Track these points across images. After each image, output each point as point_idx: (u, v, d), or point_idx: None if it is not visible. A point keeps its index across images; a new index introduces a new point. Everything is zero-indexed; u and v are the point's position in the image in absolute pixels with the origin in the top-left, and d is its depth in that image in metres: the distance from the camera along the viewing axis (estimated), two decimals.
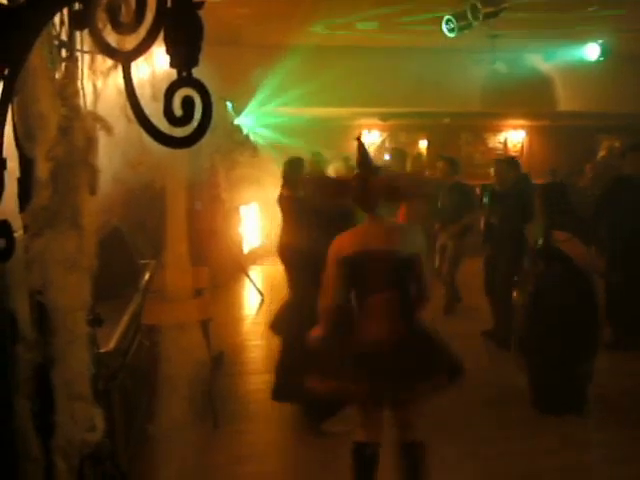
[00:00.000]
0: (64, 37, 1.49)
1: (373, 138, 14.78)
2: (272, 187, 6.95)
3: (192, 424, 5.12)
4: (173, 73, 1.11)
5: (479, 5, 7.68)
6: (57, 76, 1.36)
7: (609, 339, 6.39)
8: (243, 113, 10.85)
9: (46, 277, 1.34)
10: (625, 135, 15.83)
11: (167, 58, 1.11)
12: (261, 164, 10.13)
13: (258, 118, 11.54)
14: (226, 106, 9.69)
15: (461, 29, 8.17)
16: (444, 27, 8.35)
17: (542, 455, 4.66)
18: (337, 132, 13.83)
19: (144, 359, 4.67)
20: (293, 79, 10.02)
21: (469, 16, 7.90)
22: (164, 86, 1.11)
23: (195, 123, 1.13)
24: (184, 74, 1.10)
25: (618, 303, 6.48)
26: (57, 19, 1.44)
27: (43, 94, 1.36)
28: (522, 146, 15.85)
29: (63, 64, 1.39)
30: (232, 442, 5.00)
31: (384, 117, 13.89)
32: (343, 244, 3.60)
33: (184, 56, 1.10)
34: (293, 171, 5.63)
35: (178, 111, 1.09)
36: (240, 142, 10.15)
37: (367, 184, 3.62)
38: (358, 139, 3.91)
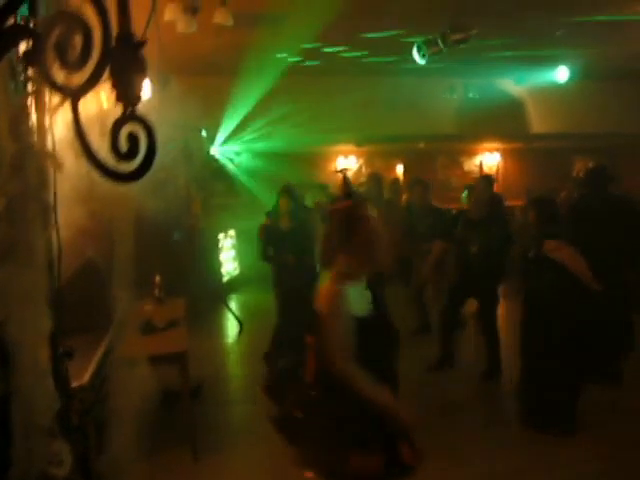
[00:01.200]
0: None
1: (349, 164, 14.89)
2: (248, 215, 7.04)
3: (171, 456, 5.11)
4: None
5: (449, 32, 7.83)
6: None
7: None
8: (219, 142, 10.90)
9: (4, 311, 1.35)
10: (598, 155, 16.10)
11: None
12: (237, 193, 10.17)
13: (233, 147, 11.59)
14: (201, 136, 9.73)
15: (432, 55, 8.32)
16: (415, 54, 8.49)
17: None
18: (313, 159, 13.94)
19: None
20: (268, 107, 10.11)
21: (439, 43, 8.05)
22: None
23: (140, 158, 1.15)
24: (129, 110, 1.12)
25: None
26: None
27: (2, 127, 1.38)
28: (497, 169, 16.03)
29: (16, 100, 1.41)
30: (213, 474, 4.97)
31: (359, 143, 14.00)
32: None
33: (128, 93, 1.13)
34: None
35: (124, 146, 1.12)
36: (216, 171, 10.19)
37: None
38: (342, 172, 3.99)
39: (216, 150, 11.13)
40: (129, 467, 4.42)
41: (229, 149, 11.60)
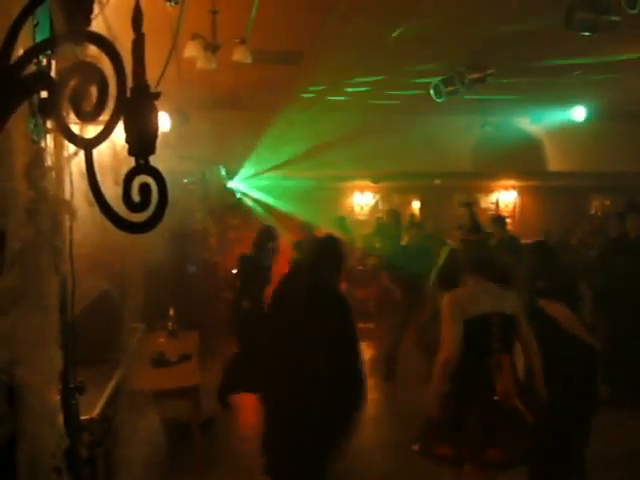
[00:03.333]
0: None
1: (366, 200, 14.95)
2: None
3: None
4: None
5: (465, 71, 7.90)
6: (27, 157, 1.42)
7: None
8: (237, 177, 11.00)
9: (12, 354, 1.37)
10: (615, 194, 16.06)
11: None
12: (254, 227, 10.20)
13: (251, 182, 11.68)
14: (219, 170, 9.83)
15: (449, 94, 8.38)
16: (432, 92, 8.57)
17: None
18: (330, 194, 14.02)
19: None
20: (286, 142, 10.19)
21: (456, 82, 8.12)
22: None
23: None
24: (141, 162, 1.15)
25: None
26: None
27: (20, 171, 1.41)
28: (514, 206, 16.00)
29: (33, 145, 1.44)
30: None
31: (376, 179, 14.07)
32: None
33: (140, 145, 1.15)
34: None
35: (137, 197, 1.14)
36: (233, 205, 10.26)
37: None
38: (468, 205, 4.29)
39: (235, 185, 11.23)
40: None
41: (247, 184, 11.69)
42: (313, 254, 4.93)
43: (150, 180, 1.15)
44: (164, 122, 7.21)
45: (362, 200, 15.07)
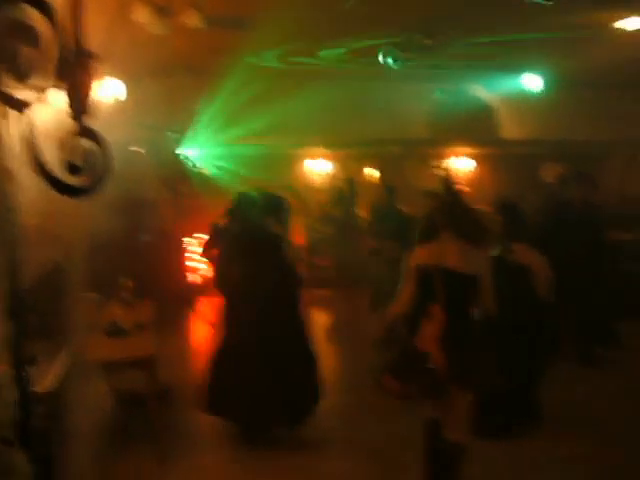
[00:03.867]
0: None
1: (322, 167, 14.88)
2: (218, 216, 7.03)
3: (137, 461, 5.06)
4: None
5: (419, 37, 7.87)
6: None
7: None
8: (189, 144, 10.82)
9: None
10: (568, 161, 16.28)
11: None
12: (207, 195, 10.10)
13: (203, 148, 11.51)
14: (171, 137, 9.65)
15: (404, 61, 8.35)
16: (387, 59, 8.52)
17: None
18: (285, 161, 13.92)
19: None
20: (239, 109, 10.06)
21: (411, 48, 8.09)
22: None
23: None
24: (80, 124, 1.11)
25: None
26: None
27: None
28: (469, 173, 16.12)
29: None
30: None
31: (332, 146, 13.99)
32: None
33: (77, 106, 1.11)
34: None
35: (78, 161, 1.10)
36: (186, 173, 10.11)
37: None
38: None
39: (187, 152, 11.04)
40: (94, 473, 4.39)
41: (200, 151, 11.51)
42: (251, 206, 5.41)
43: (93, 145, 1.12)
44: (117, 89, 7.05)
45: (317, 168, 15.00)
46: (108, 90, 6.25)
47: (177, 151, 10.34)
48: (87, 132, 1.12)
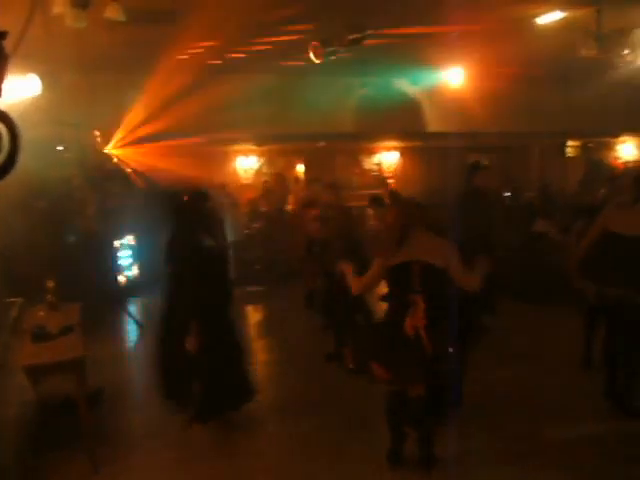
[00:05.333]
0: None
1: (250, 163, 14.81)
2: (147, 216, 6.90)
3: (70, 467, 4.92)
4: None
5: (344, 32, 7.90)
6: None
7: None
8: (114, 142, 10.58)
9: None
10: (491, 152, 16.73)
11: None
12: (134, 194, 9.90)
13: (129, 146, 11.28)
14: (95, 136, 9.42)
15: (328, 55, 8.37)
16: (311, 53, 8.52)
17: None
18: (213, 157, 13.80)
19: None
20: (165, 105, 9.90)
21: (335, 43, 8.11)
22: None
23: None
24: None
25: None
26: None
27: None
28: (396, 167, 16.34)
29: None
30: None
31: (259, 142, 13.95)
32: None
33: None
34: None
35: None
36: (112, 172, 9.87)
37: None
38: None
39: (113, 150, 10.79)
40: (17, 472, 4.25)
41: (126, 149, 11.27)
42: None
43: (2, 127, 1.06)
44: (33, 85, 6.79)
45: (246, 164, 14.92)
46: (23, 85, 6.03)
47: (102, 149, 10.08)
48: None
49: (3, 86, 1.36)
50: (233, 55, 9.48)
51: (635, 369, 5.51)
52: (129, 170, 11.00)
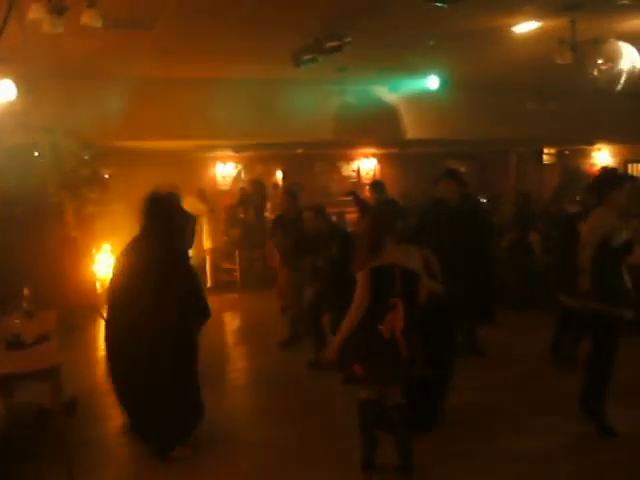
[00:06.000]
0: None
1: (228, 170, 14.81)
2: (125, 224, 6.83)
3: (47, 477, 4.87)
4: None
5: (323, 40, 7.93)
6: None
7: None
8: (92, 147, 10.49)
9: None
10: (469, 160, 16.88)
11: None
12: (112, 200, 9.83)
13: (109, 152, 11.21)
14: (72, 141, 9.33)
15: (307, 62, 8.40)
16: (291, 60, 8.55)
17: None
18: (191, 164, 13.79)
19: None
20: (144, 111, 9.86)
21: (314, 50, 8.14)
22: None
23: None
24: None
25: None
26: None
27: None
28: (374, 173, 16.43)
29: None
30: None
31: (237, 149, 13.95)
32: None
33: None
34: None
35: None
36: (90, 178, 9.79)
37: None
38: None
39: (91, 156, 10.68)
40: None
41: (106, 155, 11.17)
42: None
43: None
44: (8, 90, 6.75)
45: (224, 170, 14.91)
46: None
47: (79, 155, 9.98)
48: None
49: None
50: (212, 61, 9.46)
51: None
52: (106, 175, 10.92)
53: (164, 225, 5.15)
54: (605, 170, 9.58)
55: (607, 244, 5.15)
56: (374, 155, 16.55)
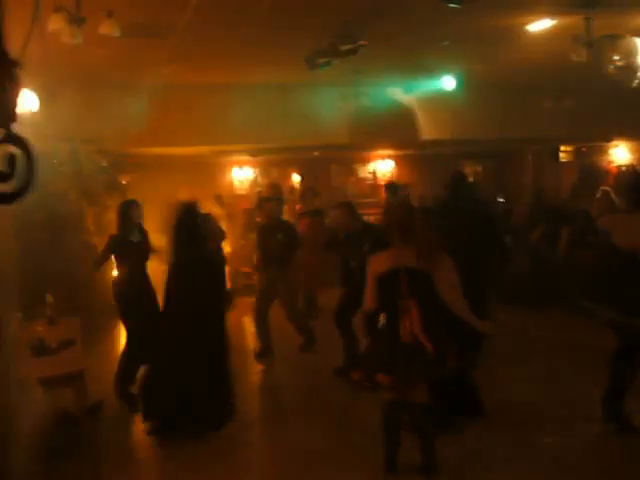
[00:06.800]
0: None
1: (245, 174, 14.88)
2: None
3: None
4: None
5: (337, 42, 7.96)
6: None
7: None
8: (111, 154, 10.60)
9: None
10: (486, 159, 16.81)
11: None
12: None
13: (129, 159, 11.32)
14: (91, 148, 9.44)
15: (322, 66, 8.43)
16: (306, 64, 8.57)
17: None
18: (208, 169, 13.85)
19: None
20: (162, 118, 9.93)
21: (329, 53, 8.17)
22: None
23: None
24: (6, 131, 1.09)
25: None
26: None
27: None
28: (391, 175, 16.41)
29: None
30: None
31: (254, 153, 14.01)
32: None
33: (4, 114, 1.10)
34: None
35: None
36: (108, 185, 9.89)
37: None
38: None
39: (110, 163, 10.80)
40: None
41: (125, 162, 11.29)
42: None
43: (16, 151, 1.10)
44: (31, 100, 6.84)
45: (241, 175, 14.98)
46: (22, 101, 6.06)
47: (98, 163, 10.10)
48: (14, 139, 1.11)
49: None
50: (228, 68, 9.53)
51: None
52: (124, 182, 11.03)
53: (199, 230, 5.95)
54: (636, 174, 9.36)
55: None
56: (390, 156, 16.54)
